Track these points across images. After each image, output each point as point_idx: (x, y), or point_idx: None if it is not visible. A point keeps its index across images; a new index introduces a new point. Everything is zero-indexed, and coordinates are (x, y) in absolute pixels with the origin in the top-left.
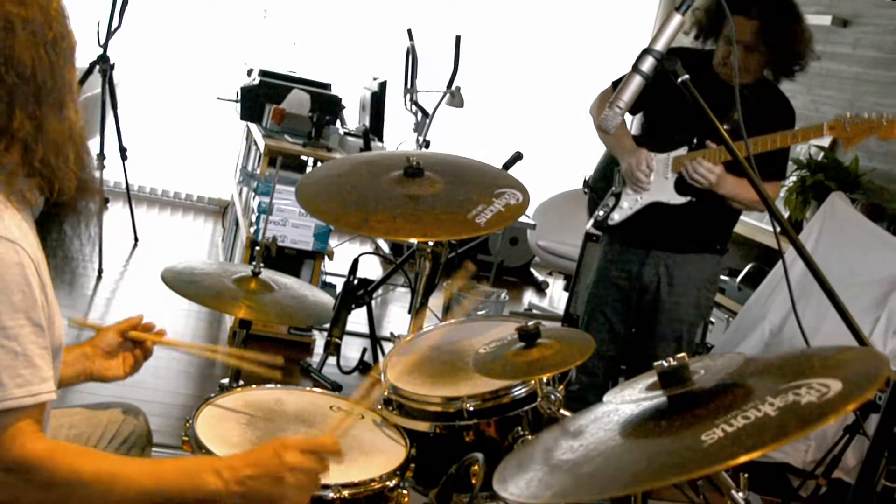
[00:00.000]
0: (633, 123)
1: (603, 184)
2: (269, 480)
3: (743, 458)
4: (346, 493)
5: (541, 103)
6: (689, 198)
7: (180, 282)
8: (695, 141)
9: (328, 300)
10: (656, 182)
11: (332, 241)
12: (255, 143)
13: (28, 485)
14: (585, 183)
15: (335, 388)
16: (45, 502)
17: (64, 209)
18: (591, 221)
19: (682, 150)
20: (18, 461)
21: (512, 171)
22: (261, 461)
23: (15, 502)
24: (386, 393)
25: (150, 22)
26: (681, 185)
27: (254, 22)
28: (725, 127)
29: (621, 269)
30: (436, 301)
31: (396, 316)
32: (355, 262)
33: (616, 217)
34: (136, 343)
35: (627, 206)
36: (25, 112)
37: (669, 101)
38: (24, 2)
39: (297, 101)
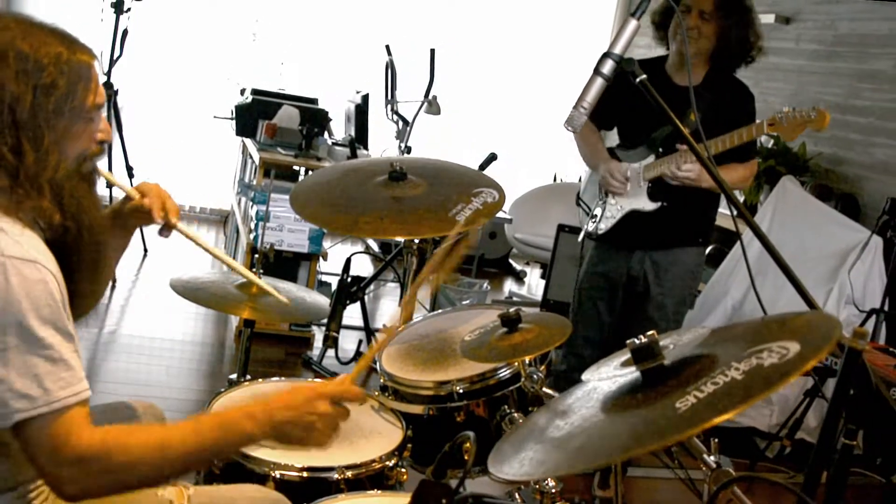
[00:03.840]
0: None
1: (590, 197)
2: (300, 424)
3: (716, 421)
4: (349, 473)
5: (511, 107)
6: (660, 203)
7: (188, 289)
8: (661, 149)
9: (323, 300)
10: (632, 191)
11: (326, 243)
12: (251, 157)
13: (89, 475)
14: (578, 198)
15: (334, 377)
16: (110, 488)
17: (66, 246)
18: (583, 233)
19: (650, 159)
20: (77, 454)
21: (488, 171)
22: (294, 405)
23: (86, 494)
24: (382, 380)
25: (148, 50)
26: (652, 193)
27: (244, 45)
28: (686, 129)
29: (610, 265)
30: (423, 294)
31: (388, 309)
32: (348, 262)
33: (602, 227)
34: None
35: (610, 215)
36: (2, 138)
37: (636, 116)
38: (30, 41)
39: (288, 116)
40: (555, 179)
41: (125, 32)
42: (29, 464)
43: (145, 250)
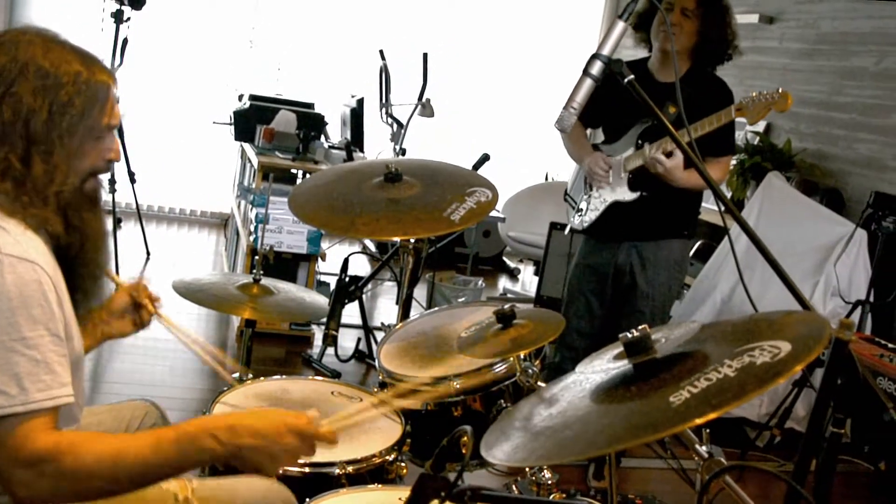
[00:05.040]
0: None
1: (577, 193)
2: (263, 453)
3: (710, 416)
4: (350, 468)
5: (503, 109)
6: (639, 193)
7: (190, 291)
8: (639, 142)
9: (322, 300)
10: (614, 183)
11: (324, 244)
12: (250, 161)
13: (41, 477)
14: (566, 194)
15: (334, 375)
16: (61, 494)
17: (70, 257)
18: (569, 227)
19: (630, 151)
20: (31, 456)
21: (481, 171)
22: (262, 433)
23: (36, 499)
24: (381, 377)
25: (148, 58)
26: (632, 183)
27: (241, 52)
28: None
29: (598, 258)
30: (420, 292)
31: (385, 307)
32: (346, 262)
33: (587, 219)
34: (139, 305)
35: (594, 207)
36: (13, 148)
37: (621, 113)
38: (52, 58)
39: (285, 121)
40: (546, 178)
41: (125, 41)
42: None
43: (148, 253)
